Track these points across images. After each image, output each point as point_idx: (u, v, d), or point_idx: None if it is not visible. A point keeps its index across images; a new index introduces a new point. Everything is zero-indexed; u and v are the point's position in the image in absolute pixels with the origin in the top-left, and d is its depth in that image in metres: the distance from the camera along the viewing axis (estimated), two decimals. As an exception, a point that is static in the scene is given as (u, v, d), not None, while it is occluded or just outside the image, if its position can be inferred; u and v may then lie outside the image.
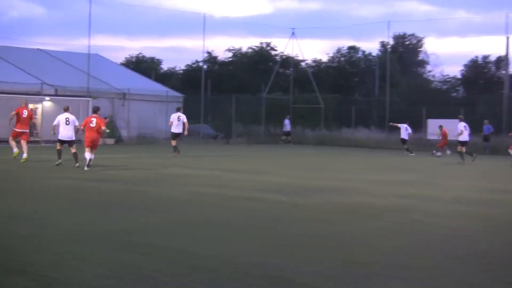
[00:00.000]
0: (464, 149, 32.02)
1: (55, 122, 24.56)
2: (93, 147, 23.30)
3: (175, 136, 31.82)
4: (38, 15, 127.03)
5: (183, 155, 30.92)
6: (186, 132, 32.20)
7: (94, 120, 23.37)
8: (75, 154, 23.67)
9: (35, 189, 17.13)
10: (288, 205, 14.82)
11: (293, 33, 59.28)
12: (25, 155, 25.53)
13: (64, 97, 45.26)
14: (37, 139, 41.54)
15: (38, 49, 56.95)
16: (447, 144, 37.17)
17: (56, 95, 45.92)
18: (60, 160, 23.84)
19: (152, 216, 12.72)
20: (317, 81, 60.62)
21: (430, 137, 45.86)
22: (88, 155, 22.95)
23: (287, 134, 52.97)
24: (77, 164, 23.15)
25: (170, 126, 32.23)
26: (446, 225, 12.54)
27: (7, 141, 28.56)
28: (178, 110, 32.94)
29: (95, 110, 24.07)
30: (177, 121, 31.85)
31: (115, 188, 17.55)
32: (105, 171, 22.78)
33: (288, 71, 73.45)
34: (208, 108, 55.18)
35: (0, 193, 15.98)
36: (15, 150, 26.35)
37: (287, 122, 53.24)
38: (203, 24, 55.12)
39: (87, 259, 8.71)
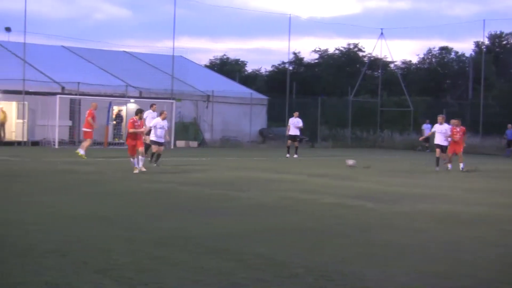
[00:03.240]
0: None
1: (151, 124, 25.13)
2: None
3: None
4: (124, 18, 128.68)
5: (269, 160, 30.11)
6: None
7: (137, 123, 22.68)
8: (157, 155, 24.83)
9: (127, 193, 17.09)
10: (378, 213, 14.35)
11: (381, 34, 57.97)
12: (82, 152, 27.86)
13: (148, 99, 45.07)
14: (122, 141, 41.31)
15: (123, 51, 57.21)
16: None
17: (140, 97, 45.86)
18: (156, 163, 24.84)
19: (243, 222, 12.62)
20: (407, 83, 59.25)
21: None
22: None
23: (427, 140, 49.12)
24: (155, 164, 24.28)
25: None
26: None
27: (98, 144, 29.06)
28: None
29: (136, 113, 23.17)
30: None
31: (205, 192, 17.42)
32: (193, 174, 22.78)
33: (376, 73, 72.06)
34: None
35: (91, 195, 16.13)
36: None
37: (426, 126, 47.39)
38: (288, 25, 54.26)
39: (180, 264, 8.70)
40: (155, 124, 24.72)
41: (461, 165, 27.26)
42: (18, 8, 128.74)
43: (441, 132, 27.67)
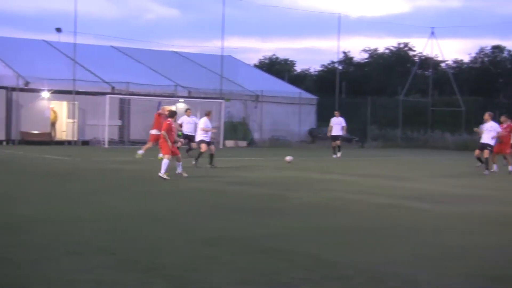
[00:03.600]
0: None
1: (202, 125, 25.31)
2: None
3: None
4: (173, 18, 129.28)
5: (318, 160, 29.93)
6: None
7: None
8: (211, 156, 24.58)
9: (176, 192, 17.09)
10: (431, 214, 14.10)
11: (432, 33, 57.27)
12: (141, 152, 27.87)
13: (197, 99, 45.19)
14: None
15: (173, 51, 57.42)
16: None
17: (189, 97, 45.98)
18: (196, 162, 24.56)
19: (292, 221, 12.49)
20: (458, 83, 58.47)
21: None
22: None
23: None
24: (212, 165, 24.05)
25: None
26: None
27: (144, 143, 29.23)
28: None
29: (171, 115, 21.29)
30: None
31: (254, 192, 17.36)
32: (241, 174, 22.75)
33: (427, 72, 71.29)
34: (343, 111, 53.77)
35: (141, 194, 16.22)
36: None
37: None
38: (338, 25, 54.00)
39: (227, 264, 8.67)
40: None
41: (510, 167, 25.43)
42: (68, 9, 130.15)
43: (487, 130, 25.94)
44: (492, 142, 24.91)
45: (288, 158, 28.17)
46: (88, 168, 23.36)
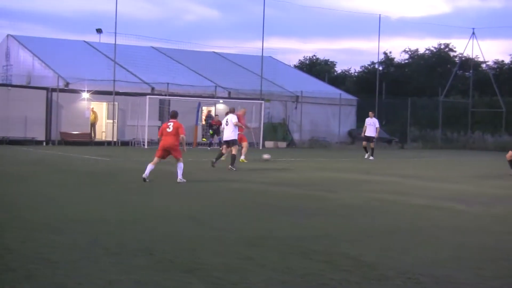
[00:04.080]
0: None
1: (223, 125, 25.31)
2: (173, 153, 19.44)
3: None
4: (213, 19, 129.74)
5: (358, 161, 29.82)
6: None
7: (171, 124, 19.56)
8: (233, 157, 24.16)
9: (216, 192, 17.15)
10: (472, 215, 13.95)
11: (473, 33, 56.83)
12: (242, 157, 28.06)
13: (237, 99, 45.30)
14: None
15: (213, 52, 57.61)
16: None
17: (229, 97, 46.11)
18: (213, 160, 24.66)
19: (332, 222, 12.44)
20: (499, 84, 57.88)
21: None
22: (150, 167, 19.14)
23: None
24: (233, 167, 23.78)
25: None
26: None
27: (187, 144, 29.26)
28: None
29: (174, 115, 20.08)
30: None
31: (294, 192, 17.32)
32: (281, 174, 22.80)
33: (467, 73, 70.68)
34: (383, 112, 53.73)
35: (181, 195, 16.33)
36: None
37: None
38: (378, 25, 53.78)
39: (268, 265, 8.59)
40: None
41: None
42: (109, 10, 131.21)
43: None
44: None
45: (266, 156, 29.04)
46: (127, 168, 23.50)
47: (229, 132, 24.71)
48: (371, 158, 32.43)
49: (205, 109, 46.19)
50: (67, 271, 7.94)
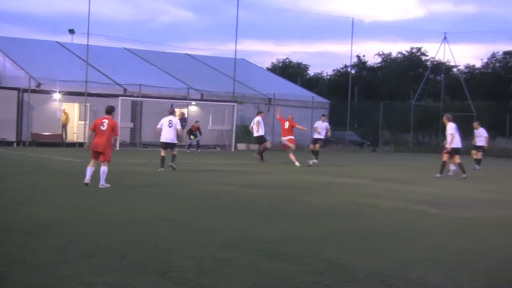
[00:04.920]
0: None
1: (158, 125, 24.62)
2: (102, 156, 17.96)
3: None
4: (187, 20, 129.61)
5: (331, 163, 29.90)
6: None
7: (105, 122, 18.04)
8: (174, 156, 24.20)
9: (189, 195, 17.09)
10: (444, 218, 14.02)
11: (445, 38, 57.10)
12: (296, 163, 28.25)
13: (210, 101, 45.30)
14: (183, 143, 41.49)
15: (186, 53, 57.48)
16: None
17: (202, 99, 46.05)
18: (162, 168, 23.94)
19: (306, 225, 12.48)
20: (470, 88, 58.27)
21: None
22: (89, 170, 17.98)
23: None
24: (173, 165, 23.80)
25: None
26: None
27: (154, 145, 28.92)
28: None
29: (109, 111, 18.55)
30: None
31: (267, 195, 17.37)
32: (255, 177, 22.76)
33: (439, 77, 71.17)
34: (355, 115, 53.95)
35: (154, 197, 16.29)
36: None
37: None
38: (351, 29, 53.98)
39: (240, 267, 8.66)
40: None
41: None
42: (81, 10, 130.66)
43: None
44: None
45: (311, 161, 29.28)
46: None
47: (171, 135, 24.30)
48: (315, 161, 32.39)
49: (177, 111, 46.06)
50: (41, 273, 7.92)
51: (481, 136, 32.92)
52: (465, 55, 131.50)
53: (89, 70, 42.43)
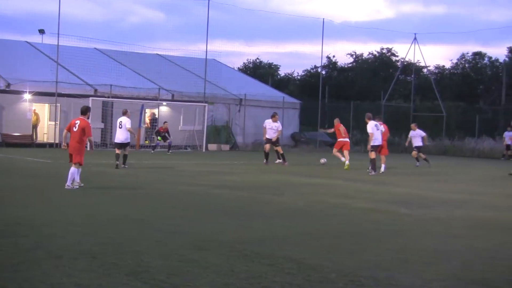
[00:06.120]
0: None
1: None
2: (74, 157, 17.90)
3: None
4: (158, 21, 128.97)
5: (301, 164, 29.94)
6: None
7: (77, 123, 18.14)
8: (125, 156, 24.79)
9: (160, 195, 17.02)
10: (413, 218, 14.12)
11: (415, 38, 57.47)
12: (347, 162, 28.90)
13: (181, 102, 45.23)
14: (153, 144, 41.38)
15: (157, 54, 57.29)
16: None
17: (172, 100, 45.96)
18: (117, 162, 24.76)
19: (276, 225, 12.49)
20: (440, 89, 58.74)
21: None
22: (72, 170, 17.74)
23: (509, 148, 44.46)
24: (125, 166, 24.37)
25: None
26: None
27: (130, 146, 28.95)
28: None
29: (83, 111, 18.79)
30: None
31: (238, 195, 17.42)
32: (225, 178, 22.74)
33: (409, 78, 71.56)
34: (326, 115, 54.06)
35: (125, 198, 16.24)
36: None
37: (508, 134, 44.12)
38: (322, 29, 54.10)
39: (212, 267, 8.64)
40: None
41: (383, 166, 27.66)
42: (51, 10, 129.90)
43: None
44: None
45: (322, 160, 31.12)
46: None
47: (123, 135, 25.19)
48: (278, 161, 32.48)
49: (148, 111, 46.01)
50: (9, 274, 7.86)
51: (417, 136, 33.45)
52: (435, 55, 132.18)
53: (59, 71, 42.22)
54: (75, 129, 17.96)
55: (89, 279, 7.76)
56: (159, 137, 40.43)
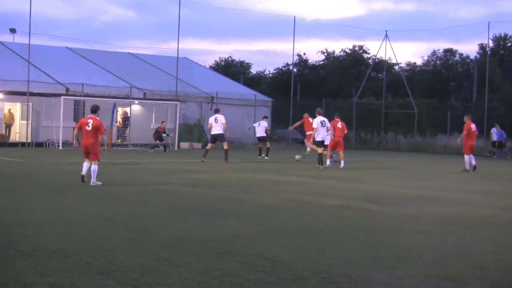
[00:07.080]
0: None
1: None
2: (90, 155, 18.95)
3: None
4: (129, 19, 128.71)
5: (274, 162, 29.98)
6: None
7: (90, 122, 18.94)
8: None
9: (132, 194, 17.00)
10: (386, 215, 14.13)
11: (386, 36, 57.67)
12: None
13: (153, 100, 45.16)
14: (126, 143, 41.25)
15: (128, 52, 57.17)
16: None
17: (144, 98, 45.89)
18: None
19: (249, 223, 12.52)
20: (411, 86, 59.05)
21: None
22: (85, 165, 18.95)
23: (494, 145, 45.25)
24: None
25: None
26: None
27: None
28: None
29: (94, 110, 19.36)
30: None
31: (210, 193, 17.40)
32: (197, 176, 22.70)
33: (381, 75, 71.94)
34: (298, 113, 54.17)
35: (96, 197, 16.15)
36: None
37: (494, 130, 44.98)
38: (293, 27, 54.16)
39: (184, 266, 8.62)
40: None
41: (342, 162, 28.84)
42: (23, 9, 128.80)
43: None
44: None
45: (297, 156, 32.16)
46: (42, 170, 23.17)
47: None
48: (266, 158, 32.62)
49: (120, 110, 45.89)
50: (-19, 275, 7.82)
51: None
52: (406, 53, 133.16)
53: (31, 70, 42.01)
54: (88, 128, 18.80)
55: (62, 278, 7.73)
56: (164, 134, 40.30)
